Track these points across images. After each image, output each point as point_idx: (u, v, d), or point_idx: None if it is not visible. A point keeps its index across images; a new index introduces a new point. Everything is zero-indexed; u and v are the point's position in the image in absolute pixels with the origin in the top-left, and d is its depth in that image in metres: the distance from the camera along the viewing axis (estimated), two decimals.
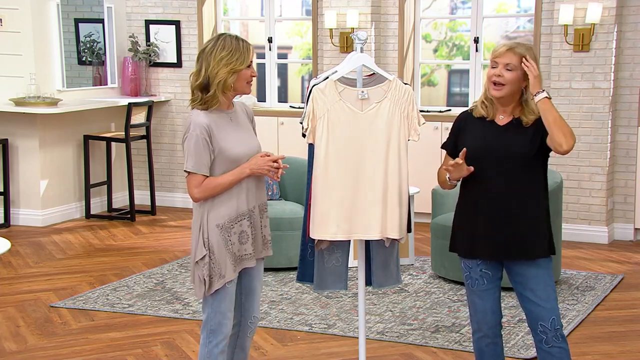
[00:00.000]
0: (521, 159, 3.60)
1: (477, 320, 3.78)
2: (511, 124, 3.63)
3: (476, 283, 3.73)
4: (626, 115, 7.55)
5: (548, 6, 7.67)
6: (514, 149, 3.59)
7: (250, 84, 3.70)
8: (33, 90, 7.95)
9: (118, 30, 8.99)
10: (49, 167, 8.20)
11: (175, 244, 7.51)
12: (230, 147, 3.63)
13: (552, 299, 3.66)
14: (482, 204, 3.65)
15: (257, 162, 3.65)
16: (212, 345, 3.70)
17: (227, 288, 3.67)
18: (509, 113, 3.65)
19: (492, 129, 3.65)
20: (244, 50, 3.59)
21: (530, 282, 3.66)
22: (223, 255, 3.63)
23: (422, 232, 7.54)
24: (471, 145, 3.63)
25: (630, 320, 5.52)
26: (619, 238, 7.64)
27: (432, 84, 8.99)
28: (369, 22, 8.10)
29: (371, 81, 4.00)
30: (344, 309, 5.66)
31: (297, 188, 6.75)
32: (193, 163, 3.58)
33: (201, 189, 3.60)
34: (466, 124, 3.74)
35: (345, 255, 4.15)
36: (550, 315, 3.64)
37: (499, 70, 3.57)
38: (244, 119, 3.78)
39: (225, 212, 3.64)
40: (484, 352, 3.83)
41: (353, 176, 3.95)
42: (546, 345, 3.67)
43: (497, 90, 3.59)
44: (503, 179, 3.60)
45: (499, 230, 3.62)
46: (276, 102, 8.99)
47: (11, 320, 5.52)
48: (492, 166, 3.61)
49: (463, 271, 3.79)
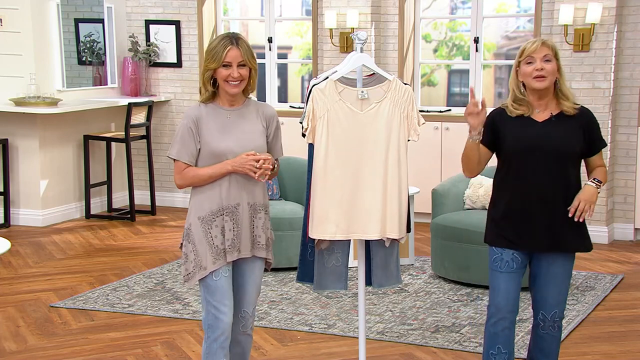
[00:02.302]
0: (560, 155, 3.74)
1: (497, 304, 3.84)
2: (550, 121, 3.77)
3: (506, 265, 3.82)
4: (626, 115, 7.56)
5: (548, 6, 7.67)
6: (555, 144, 3.73)
7: (231, 84, 3.67)
8: (33, 90, 7.95)
9: (118, 30, 8.99)
10: (49, 167, 8.21)
11: (175, 244, 7.51)
12: (212, 141, 3.70)
13: (563, 294, 3.88)
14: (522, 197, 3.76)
15: (239, 160, 3.68)
16: (210, 341, 3.74)
17: (215, 281, 3.71)
18: (544, 108, 3.79)
19: (531, 124, 3.78)
20: (218, 49, 3.65)
21: (550, 275, 3.83)
22: (203, 247, 3.71)
23: (422, 232, 7.54)
24: (511, 141, 3.77)
25: (630, 320, 5.52)
26: (619, 238, 7.64)
27: (432, 84, 8.99)
28: (369, 22, 8.10)
29: (371, 81, 4.00)
30: (344, 309, 5.66)
31: (297, 188, 6.75)
32: (176, 150, 3.74)
33: (181, 176, 3.75)
34: (501, 118, 3.82)
35: (345, 255, 4.15)
36: (553, 309, 3.87)
37: (539, 64, 3.72)
38: (253, 119, 3.78)
39: (207, 206, 3.73)
40: (498, 336, 3.87)
41: (353, 176, 3.95)
42: (542, 330, 3.93)
43: (541, 82, 3.73)
44: (542, 173, 3.73)
45: (540, 222, 3.75)
46: (276, 102, 8.99)
47: (11, 320, 5.52)
48: (531, 160, 3.74)
49: (492, 254, 3.86)
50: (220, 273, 3.71)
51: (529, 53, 3.75)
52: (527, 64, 3.75)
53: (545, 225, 3.75)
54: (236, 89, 3.70)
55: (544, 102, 3.79)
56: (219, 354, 3.73)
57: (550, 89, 3.78)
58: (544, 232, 3.76)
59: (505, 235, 3.82)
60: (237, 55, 3.65)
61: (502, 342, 3.87)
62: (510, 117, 3.80)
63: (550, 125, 3.77)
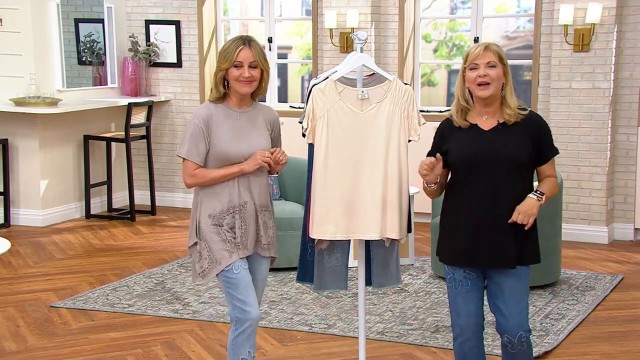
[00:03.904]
0: (508, 164, 3.58)
1: (460, 325, 3.70)
2: (497, 129, 3.61)
3: (460, 285, 3.68)
4: (626, 115, 7.55)
5: (548, 6, 7.67)
6: (503, 153, 3.57)
7: (243, 84, 3.74)
8: (33, 90, 7.95)
9: (118, 30, 8.99)
10: (49, 167, 8.21)
11: (175, 244, 7.51)
12: (220, 142, 3.74)
13: (524, 314, 3.66)
14: (467, 209, 3.62)
15: (250, 159, 3.76)
16: (238, 332, 3.79)
17: (236, 274, 3.74)
18: (492, 115, 3.63)
19: (477, 134, 3.62)
20: (230, 49, 3.73)
21: (505, 293, 3.64)
22: (216, 243, 3.75)
23: (422, 232, 7.54)
24: (457, 151, 3.61)
25: (630, 320, 5.52)
26: (619, 238, 7.64)
27: (432, 84, 8.99)
28: (369, 22, 8.10)
29: (371, 81, 4.00)
30: (344, 309, 5.66)
31: (297, 188, 6.75)
32: (186, 149, 3.76)
33: (192, 176, 3.77)
34: (449, 130, 3.69)
35: (345, 255, 4.15)
36: (518, 330, 3.64)
37: (482, 70, 3.55)
38: (260, 122, 3.85)
39: (217, 204, 3.77)
40: (468, 356, 3.75)
41: (352, 176, 3.95)
42: (511, 350, 3.70)
43: (484, 89, 3.57)
44: (490, 184, 3.58)
45: (483, 236, 3.59)
46: (276, 102, 8.99)
47: (11, 320, 5.52)
48: (478, 171, 3.59)
49: (446, 273, 3.74)
50: (239, 266, 3.76)
51: (472, 59, 3.56)
52: (470, 69, 3.58)
53: (490, 240, 3.57)
54: (247, 87, 3.75)
55: (491, 110, 3.62)
56: (245, 344, 3.79)
57: (496, 95, 3.59)
58: (490, 248, 3.58)
59: (450, 251, 3.68)
60: (249, 56, 3.72)
61: None
62: (457, 127, 3.65)
63: (497, 133, 3.59)
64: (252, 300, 3.77)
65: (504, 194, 3.58)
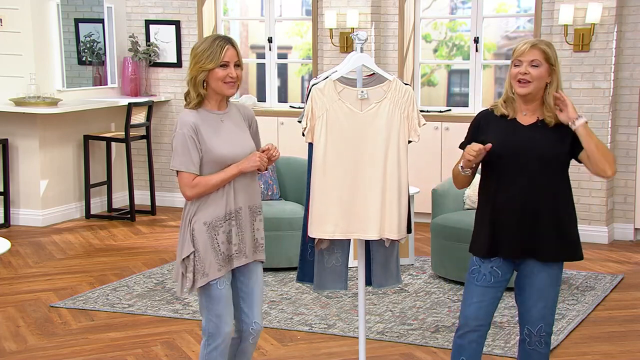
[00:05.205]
0: (546, 160, 3.57)
1: (466, 315, 3.69)
2: (536, 125, 3.61)
3: (483, 278, 3.66)
4: (626, 115, 7.56)
5: (548, 6, 7.67)
6: (540, 150, 3.57)
7: (229, 85, 3.64)
8: (33, 90, 7.95)
9: (118, 30, 8.99)
10: (49, 167, 8.21)
11: (175, 244, 7.47)
12: (215, 147, 3.63)
13: (549, 308, 3.65)
14: (503, 203, 3.61)
15: (248, 159, 3.66)
16: (210, 348, 3.70)
17: (220, 290, 3.66)
18: (532, 112, 3.63)
19: (516, 128, 3.62)
20: (215, 49, 3.60)
21: (535, 286, 3.63)
22: (208, 254, 3.63)
23: (422, 232, 7.54)
24: (494, 142, 3.58)
25: (630, 320, 5.52)
26: (619, 238, 7.65)
27: (432, 84, 8.99)
28: (369, 22, 8.10)
29: (371, 81, 4.00)
30: (344, 309, 5.66)
31: (297, 188, 6.75)
32: (180, 162, 3.60)
33: (191, 187, 3.61)
34: (487, 122, 3.69)
35: (345, 255, 4.15)
36: (539, 323, 3.65)
37: (524, 67, 3.55)
38: (239, 121, 3.76)
39: (213, 211, 3.64)
40: (464, 349, 3.72)
41: (352, 176, 3.94)
42: (528, 346, 3.71)
43: (523, 87, 3.56)
44: (526, 179, 3.58)
45: (521, 230, 3.59)
46: (276, 102, 8.99)
47: (11, 320, 5.52)
48: (515, 165, 3.59)
49: (471, 265, 3.72)
50: (224, 282, 3.67)
51: (517, 55, 3.57)
52: (514, 65, 3.58)
53: (528, 234, 3.58)
54: (233, 89, 3.66)
55: (530, 107, 3.62)
56: None
57: (536, 95, 3.59)
58: (526, 241, 3.58)
59: (484, 243, 3.65)
60: (234, 55, 3.64)
61: (468, 355, 3.72)
62: (496, 119, 3.65)
63: (536, 129, 3.60)
64: (229, 317, 3.69)
65: (540, 187, 3.58)
